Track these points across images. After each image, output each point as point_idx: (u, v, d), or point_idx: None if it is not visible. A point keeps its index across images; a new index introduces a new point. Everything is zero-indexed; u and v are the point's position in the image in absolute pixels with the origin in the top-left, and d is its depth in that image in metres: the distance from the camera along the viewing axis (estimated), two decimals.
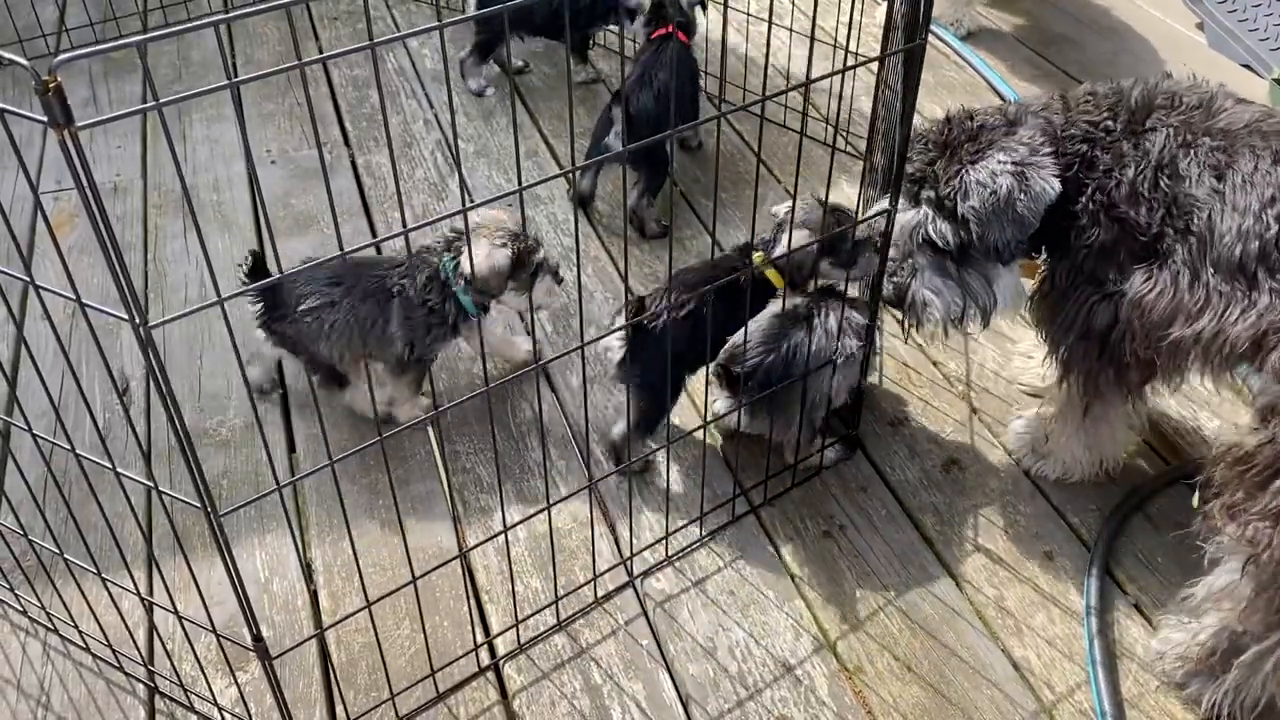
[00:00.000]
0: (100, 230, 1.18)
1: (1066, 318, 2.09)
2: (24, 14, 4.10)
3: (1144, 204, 1.93)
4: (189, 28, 1.20)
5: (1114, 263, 2.00)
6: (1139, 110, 1.97)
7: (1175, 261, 1.90)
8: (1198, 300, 1.87)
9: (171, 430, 1.44)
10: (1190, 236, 1.88)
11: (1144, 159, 1.93)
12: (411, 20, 4.21)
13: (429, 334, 2.36)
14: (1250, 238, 1.81)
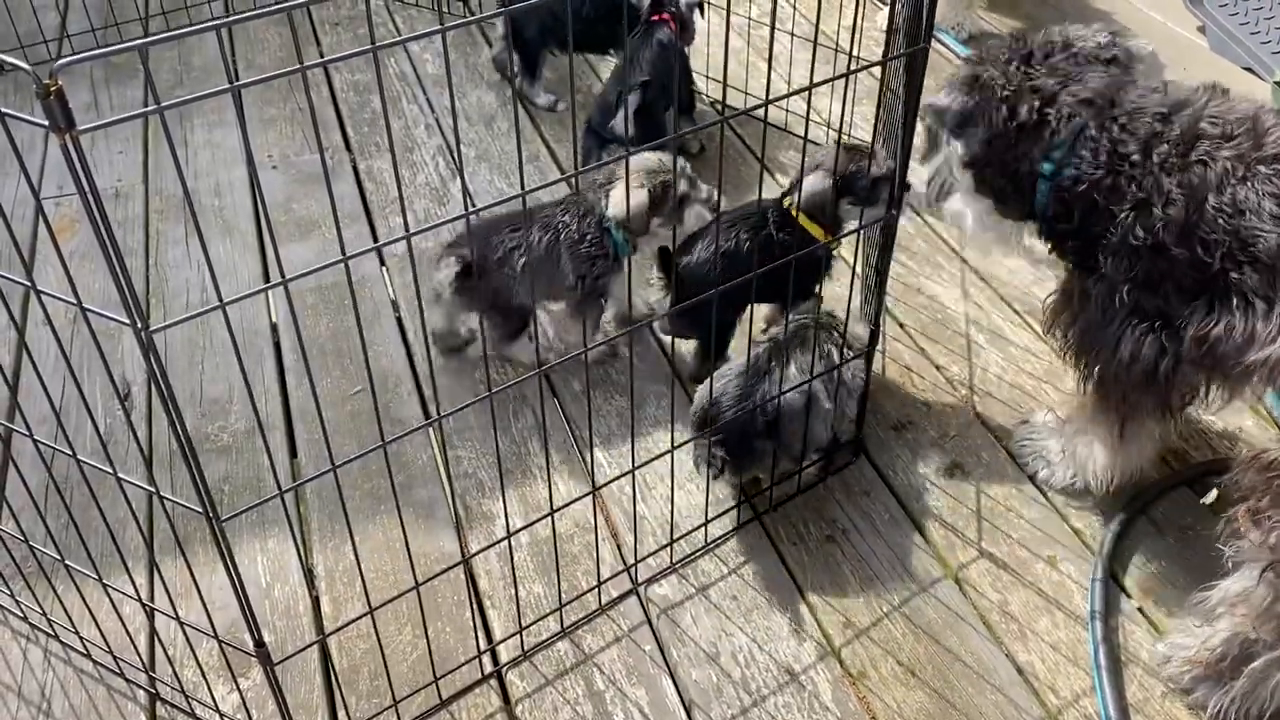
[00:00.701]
0: (101, 235, 1.18)
1: (1107, 344, 2.05)
2: (26, 19, 4.10)
3: (1200, 244, 1.89)
4: (190, 31, 1.19)
5: (1161, 295, 1.97)
6: (1183, 141, 1.91)
7: (1245, 292, 1.88)
8: (1271, 329, 1.85)
9: (173, 435, 1.43)
10: (1258, 265, 1.85)
11: (1194, 197, 1.88)
12: (413, 25, 4.21)
13: (594, 267, 2.51)
14: None
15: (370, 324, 2.83)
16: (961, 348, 2.74)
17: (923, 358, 2.72)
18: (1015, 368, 2.68)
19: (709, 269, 2.36)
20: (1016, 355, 2.72)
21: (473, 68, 3.92)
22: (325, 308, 2.88)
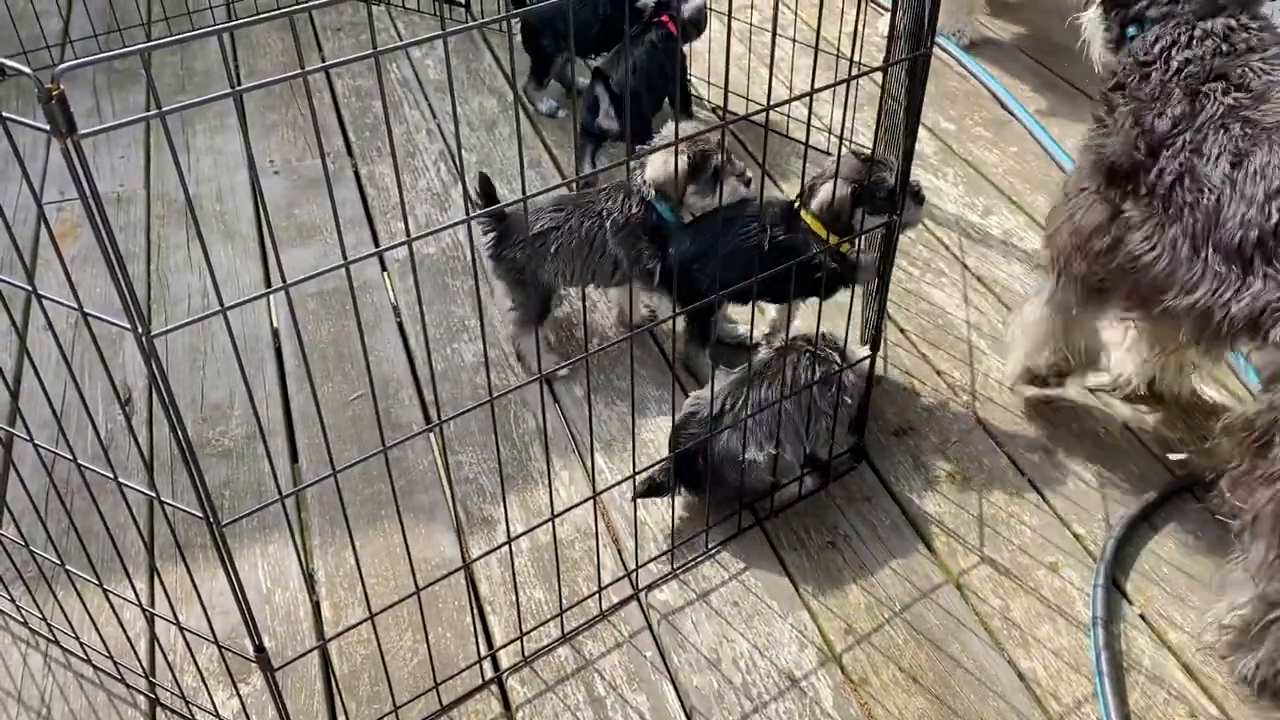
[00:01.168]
0: (103, 240, 1.18)
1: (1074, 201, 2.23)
2: (28, 24, 4.11)
3: (1164, 159, 2.01)
4: (192, 36, 1.19)
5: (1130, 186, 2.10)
6: (1208, 72, 2.00)
7: (1177, 230, 2.00)
8: (1195, 274, 1.97)
9: (174, 440, 1.43)
10: (1197, 212, 1.96)
11: (1183, 121, 1.99)
12: (415, 31, 4.21)
13: (638, 244, 2.56)
14: (1251, 226, 1.89)
15: (371, 329, 2.83)
16: (963, 353, 2.74)
17: (924, 363, 2.72)
18: None
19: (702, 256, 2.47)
20: None
21: (474, 73, 3.92)
22: (326, 313, 2.88)
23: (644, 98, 3.14)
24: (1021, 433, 2.53)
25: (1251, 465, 1.85)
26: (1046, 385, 2.56)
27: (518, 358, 2.71)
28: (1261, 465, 1.82)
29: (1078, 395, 2.61)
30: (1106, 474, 2.43)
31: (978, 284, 2.97)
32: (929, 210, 3.23)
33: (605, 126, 3.10)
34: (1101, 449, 2.48)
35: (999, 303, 2.90)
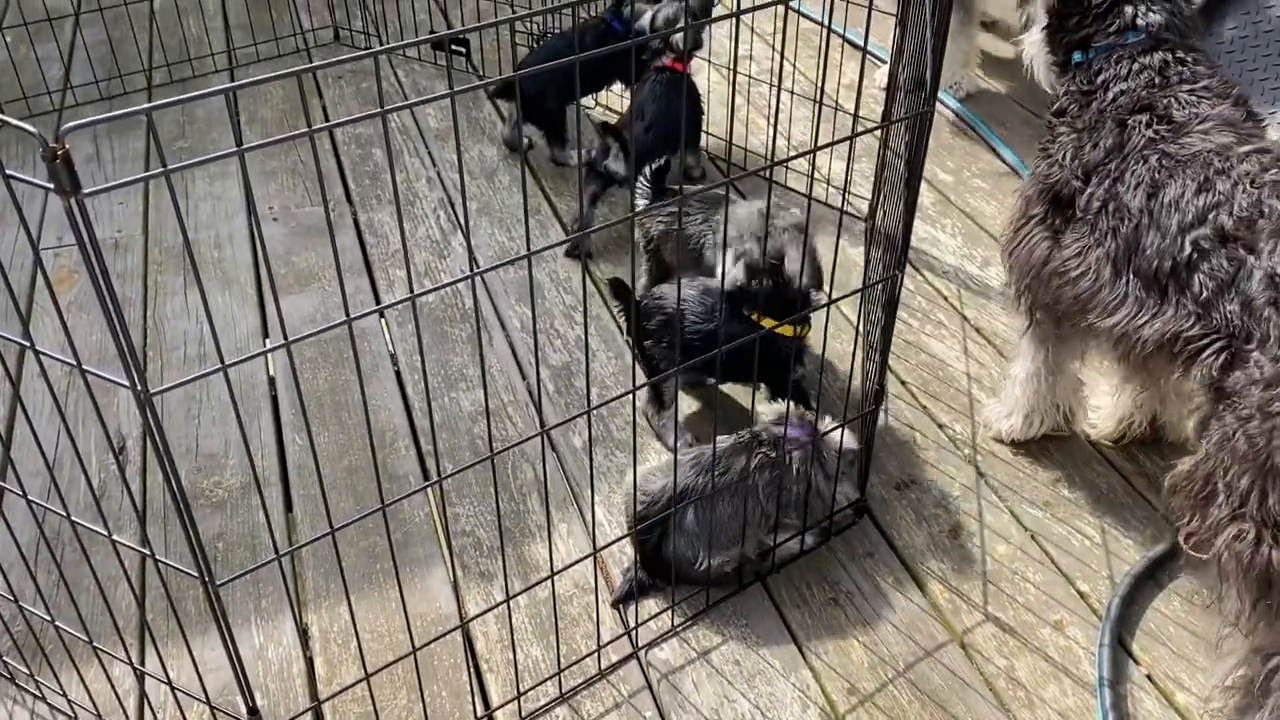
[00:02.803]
0: (104, 298, 1.16)
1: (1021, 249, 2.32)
2: (30, 71, 4.12)
3: (1093, 184, 2.13)
4: (198, 96, 1.19)
5: (1060, 213, 2.22)
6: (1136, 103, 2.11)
7: (1102, 253, 2.11)
8: (1117, 297, 2.08)
9: (168, 491, 1.41)
10: (1119, 238, 2.08)
11: (1113, 151, 2.11)
12: (415, 79, 4.24)
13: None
14: (1165, 255, 1.98)
15: (368, 377, 2.81)
16: (964, 406, 2.73)
17: (925, 416, 2.71)
18: None
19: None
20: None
21: (474, 122, 3.94)
22: (324, 360, 2.86)
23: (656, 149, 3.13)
24: (1023, 487, 2.51)
25: (1202, 518, 1.84)
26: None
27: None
28: (1211, 515, 1.82)
29: (1079, 448, 2.59)
30: (1110, 529, 2.41)
31: (977, 335, 2.96)
32: (928, 261, 3.23)
33: (612, 169, 3.12)
34: (1104, 504, 2.46)
35: (999, 355, 2.89)
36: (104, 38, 4.24)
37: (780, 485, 2.18)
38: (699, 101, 3.46)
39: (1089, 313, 2.14)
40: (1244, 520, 1.78)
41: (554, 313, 3.05)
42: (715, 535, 2.13)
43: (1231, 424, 1.82)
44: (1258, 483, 1.76)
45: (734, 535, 2.17)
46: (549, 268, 3.21)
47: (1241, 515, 1.79)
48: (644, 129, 3.12)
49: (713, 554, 2.15)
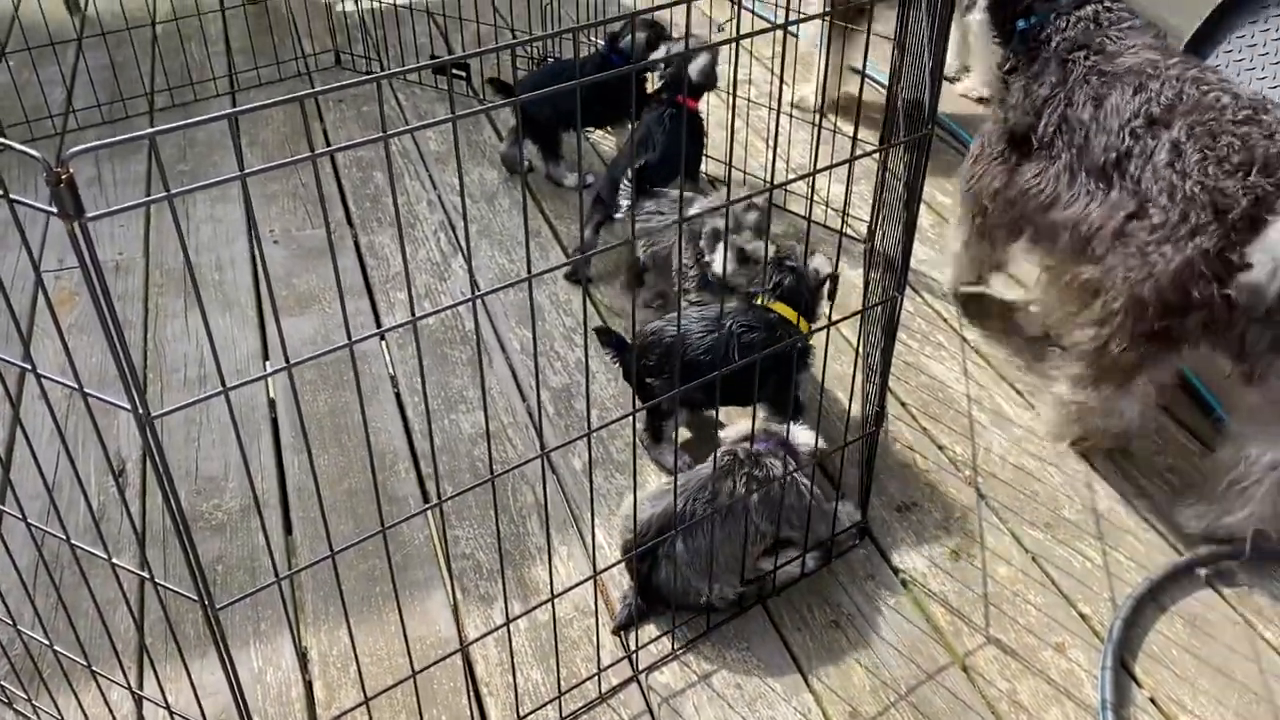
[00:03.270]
0: (106, 321, 1.17)
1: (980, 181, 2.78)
2: (32, 95, 4.14)
3: (1045, 116, 2.55)
4: (199, 121, 1.19)
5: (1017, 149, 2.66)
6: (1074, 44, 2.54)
7: (1060, 166, 2.53)
8: (1074, 194, 2.48)
9: (168, 514, 1.40)
10: (1072, 148, 2.49)
11: (1059, 85, 2.53)
12: (415, 102, 4.26)
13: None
14: (1110, 149, 2.39)
15: (368, 399, 2.81)
16: (964, 428, 2.73)
17: (925, 438, 2.70)
18: (1018, 448, 2.67)
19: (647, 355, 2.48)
20: (1019, 435, 2.70)
21: (475, 145, 3.96)
22: (324, 383, 2.86)
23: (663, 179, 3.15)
24: (1024, 508, 2.50)
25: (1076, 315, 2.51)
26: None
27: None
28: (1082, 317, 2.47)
29: (1078, 470, 2.60)
30: (1111, 551, 2.40)
31: (977, 357, 2.97)
32: (927, 283, 3.24)
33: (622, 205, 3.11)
34: (1105, 525, 2.46)
35: (999, 376, 2.89)
36: (106, 62, 4.26)
37: (773, 500, 2.17)
38: (702, 135, 3.47)
39: (1051, 211, 2.54)
40: (1109, 328, 2.37)
41: (554, 335, 3.05)
42: (710, 564, 2.12)
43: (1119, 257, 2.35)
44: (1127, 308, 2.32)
45: (730, 562, 2.16)
46: (549, 290, 3.22)
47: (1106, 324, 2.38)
48: (658, 160, 3.13)
49: (711, 582, 2.14)
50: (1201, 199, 2.19)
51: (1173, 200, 2.23)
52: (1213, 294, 2.18)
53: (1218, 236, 2.17)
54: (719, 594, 2.18)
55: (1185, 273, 2.20)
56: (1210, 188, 2.18)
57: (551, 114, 3.52)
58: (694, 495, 2.12)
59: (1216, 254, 2.17)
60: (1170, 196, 2.24)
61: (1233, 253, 2.15)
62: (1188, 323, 2.25)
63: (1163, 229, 2.23)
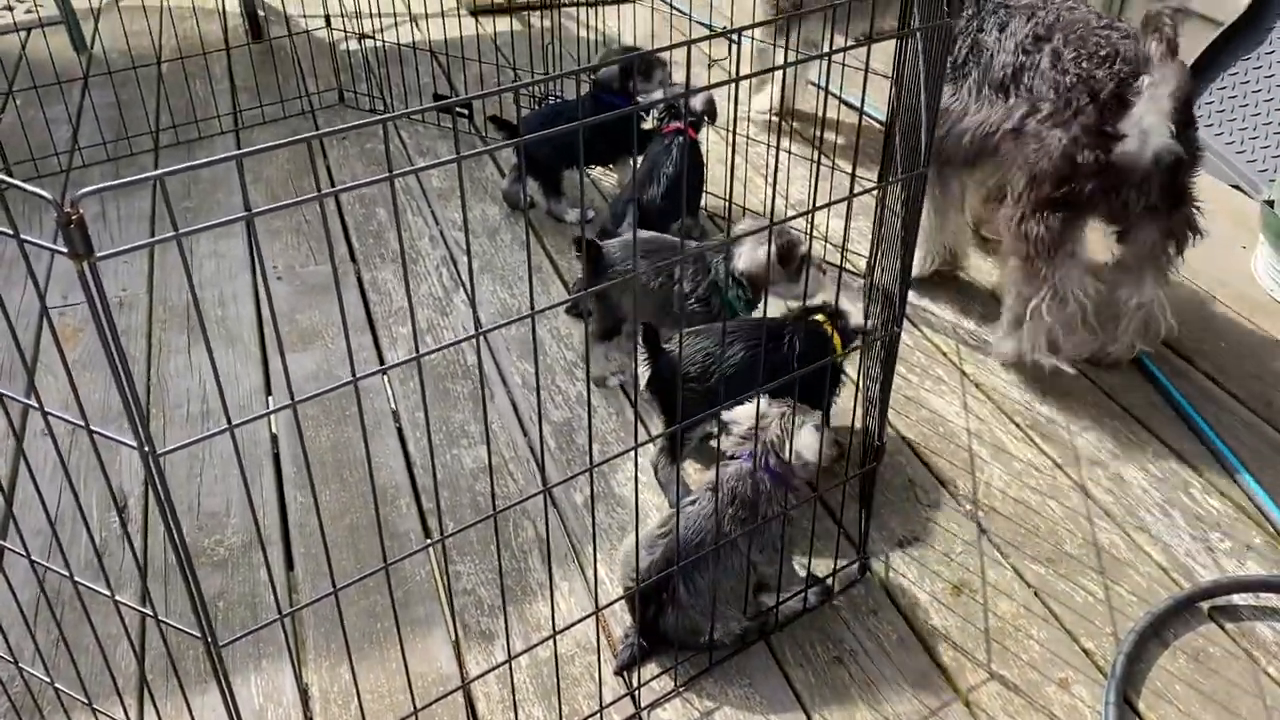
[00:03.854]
0: (114, 360, 1.18)
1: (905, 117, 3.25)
2: (38, 133, 4.19)
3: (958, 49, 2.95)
4: (207, 163, 1.21)
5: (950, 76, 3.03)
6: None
7: (970, 83, 2.92)
8: (980, 105, 2.88)
9: (170, 548, 1.41)
10: (979, 68, 2.89)
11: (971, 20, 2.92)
12: (419, 141, 4.30)
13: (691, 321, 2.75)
14: (1008, 67, 2.82)
15: (370, 434, 2.82)
16: (965, 461, 2.73)
17: (926, 471, 2.71)
18: (1019, 482, 2.67)
19: (687, 366, 2.51)
20: (1020, 470, 2.71)
21: (477, 182, 3.99)
22: (326, 418, 2.87)
23: (667, 214, 3.21)
24: (1025, 543, 2.51)
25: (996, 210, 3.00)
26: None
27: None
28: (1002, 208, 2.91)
29: (1079, 503, 2.60)
30: (1113, 585, 2.40)
31: (976, 391, 2.98)
32: (926, 318, 3.26)
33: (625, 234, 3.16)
34: (1106, 559, 2.46)
35: (998, 410, 2.90)
36: (112, 100, 4.30)
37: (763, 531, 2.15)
38: (703, 168, 3.53)
39: (961, 121, 2.90)
40: (1018, 206, 2.79)
41: (555, 369, 3.07)
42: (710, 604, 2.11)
43: (1019, 149, 2.77)
44: (1027, 182, 2.76)
45: (732, 597, 2.15)
46: (550, 324, 3.24)
47: (1017, 202, 2.79)
48: (661, 194, 3.17)
49: (714, 620, 2.13)
50: (1079, 87, 2.67)
51: (1057, 93, 2.71)
52: (1096, 161, 2.65)
53: (1094, 114, 2.64)
54: (723, 631, 2.17)
55: (1071, 146, 2.66)
56: (1084, 77, 2.66)
57: (551, 153, 3.56)
58: (694, 531, 2.11)
59: (1096, 129, 2.64)
60: (1055, 90, 2.71)
61: (1108, 125, 2.63)
62: (1082, 189, 2.69)
63: (1051, 117, 2.71)
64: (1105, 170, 2.64)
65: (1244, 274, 3.44)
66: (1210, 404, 2.90)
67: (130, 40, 4.63)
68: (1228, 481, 2.67)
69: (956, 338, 3.18)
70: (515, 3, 5.44)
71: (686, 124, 3.31)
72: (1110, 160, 2.62)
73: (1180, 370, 3.03)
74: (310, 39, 4.92)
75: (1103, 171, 2.64)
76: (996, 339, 3.06)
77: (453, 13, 5.34)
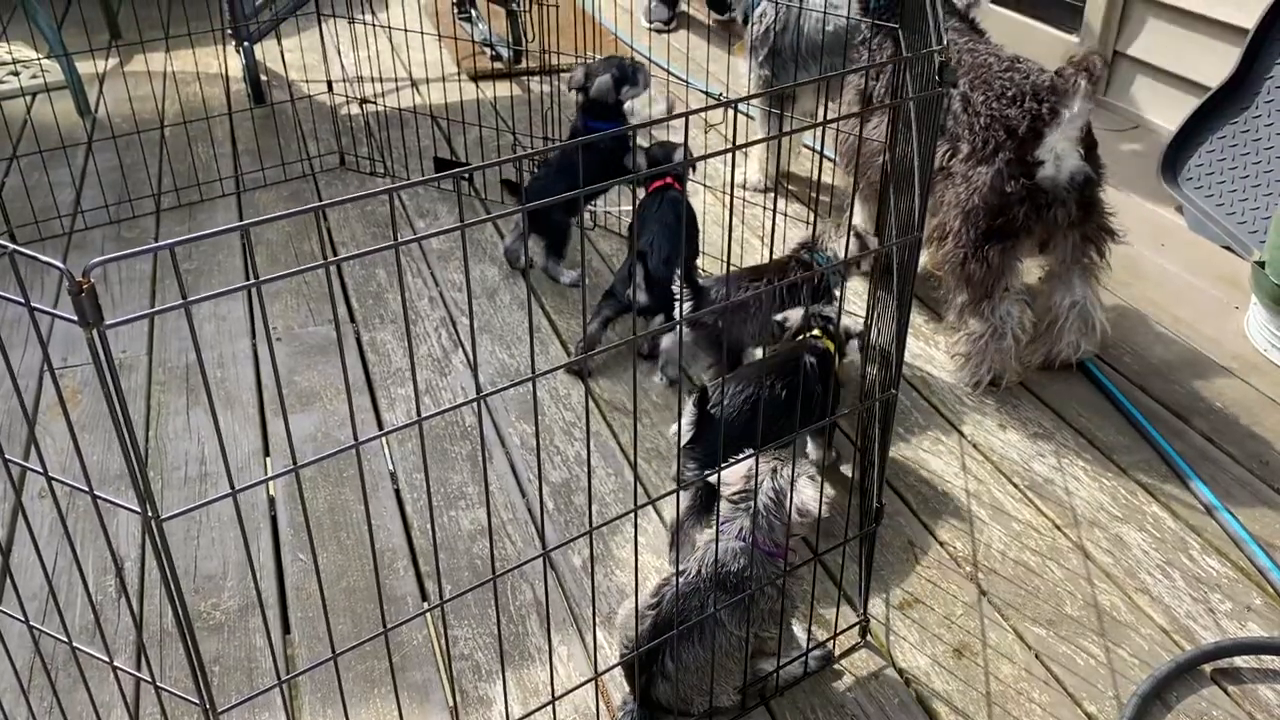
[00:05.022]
0: (119, 425, 1.19)
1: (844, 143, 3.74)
2: (41, 196, 4.23)
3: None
4: (212, 234, 1.23)
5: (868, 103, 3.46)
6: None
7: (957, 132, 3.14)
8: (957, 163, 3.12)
9: (171, 615, 1.40)
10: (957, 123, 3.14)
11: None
12: (419, 203, 4.35)
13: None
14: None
15: (368, 496, 2.81)
16: (964, 523, 2.73)
17: (925, 533, 2.71)
18: (1019, 544, 2.67)
19: (735, 415, 2.53)
20: (1019, 531, 2.71)
21: (476, 243, 4.03)
22: (324, 480, 2.87)
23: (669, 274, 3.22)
24: (1025, 605, 2.50)
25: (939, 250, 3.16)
26: None
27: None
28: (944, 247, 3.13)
29: (1079, 564, 2.60)
30: (1114, 648, 2.39)
31: (975, 452, 2.99)
32: (923, 378, 3.28)
33: (636, 300, 3.18)
34: (1107, 621, 2.45)
35: (996, 470, 2.91)
36: (115, 163, 4.36)
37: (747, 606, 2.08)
38: (695, 221, 3.57)
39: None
40: (959, 246, 3.03)
41: (554, 429, 3.07)
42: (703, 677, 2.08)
43: (949, 189, 3.04)
44: (963, 221, 3.01)
45: (722, 672, 2.11)
46: (549, 385, 3.25)
47: (958, 242, 3.03)
48: (663, 261, 3.21)
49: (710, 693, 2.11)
50: (995, 126, 2.95)
51: (973, 132, 2.99)
52: (1022, 188, 2.94)
53: (1013, 149, 2.93)
54: (719, 701, 2.15)
55: (998, 179, 2.94)
56: (998, 116, 2.95)
57: (561, 213, 3.61)
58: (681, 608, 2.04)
59: (1018, 160, 2.94)
60: (971, 130, 3.00)
61: (1028, 155, 2.93)
62: (1016, 216, 2.97)
63: (972, 155, 2.99)
64: (1031, 194, 2.96)
65: (1237, 334, 3.47)
66: (1207, 463, 2.91)
67: (134, 104, 4.70)
68: (1226, 541, 2.67)
69: (954, 398, 3.20)
70: (515, 69, 5.53)
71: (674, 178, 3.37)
72: (1035, 184, 2.95)
73: (1177, 430, 3.04)
74: (312, 103, 5.00)
75: (1029, 196, 2.96)
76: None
77: (453, 78, 5.44)
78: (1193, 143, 4.07)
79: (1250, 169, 3.87)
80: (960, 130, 3.03)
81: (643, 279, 3.09)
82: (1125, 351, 3.38)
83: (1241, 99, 3.90)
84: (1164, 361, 3.34)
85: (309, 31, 5.55)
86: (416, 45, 5.39)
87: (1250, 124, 3.88)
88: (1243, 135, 3.90)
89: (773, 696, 2.26)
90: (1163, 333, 3.48)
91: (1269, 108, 3.82)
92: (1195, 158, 4.06)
